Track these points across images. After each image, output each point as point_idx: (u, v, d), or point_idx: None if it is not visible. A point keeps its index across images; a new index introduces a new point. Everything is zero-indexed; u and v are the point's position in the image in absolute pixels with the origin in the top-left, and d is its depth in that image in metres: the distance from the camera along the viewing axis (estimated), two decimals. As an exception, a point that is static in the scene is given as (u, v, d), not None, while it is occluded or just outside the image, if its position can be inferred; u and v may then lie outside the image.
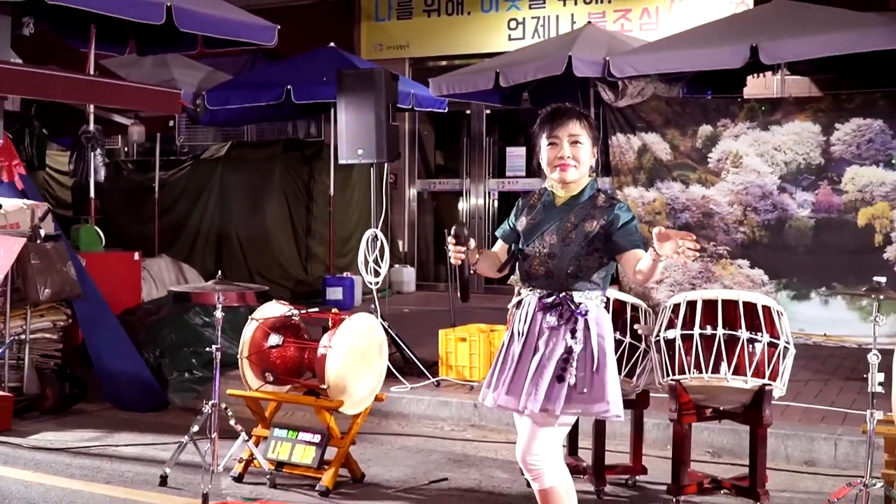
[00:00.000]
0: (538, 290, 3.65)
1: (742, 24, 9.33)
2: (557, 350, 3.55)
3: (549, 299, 3.60)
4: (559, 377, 3.51)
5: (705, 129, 9.35)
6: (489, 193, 13.47)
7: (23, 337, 6.97)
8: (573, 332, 3.55)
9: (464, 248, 3.56)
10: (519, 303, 3.73)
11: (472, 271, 3.70)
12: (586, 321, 3.55)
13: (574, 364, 3.51)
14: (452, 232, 3.55)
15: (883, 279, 4.25)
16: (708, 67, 9.04)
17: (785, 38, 8.47)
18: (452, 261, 3.59)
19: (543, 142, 3.64)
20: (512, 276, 3.83)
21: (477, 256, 3.69)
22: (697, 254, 3.29)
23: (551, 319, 3.58)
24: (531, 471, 3.60)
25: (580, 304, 3.57)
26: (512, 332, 3.72)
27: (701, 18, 11.25)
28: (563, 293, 3.59)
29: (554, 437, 3.60)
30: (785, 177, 9.03)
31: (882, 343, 4.18)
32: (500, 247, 3.86)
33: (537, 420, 3.57)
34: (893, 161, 8.60)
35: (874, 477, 4.10)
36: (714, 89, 10.57)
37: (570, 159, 3.59)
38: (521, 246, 3.73)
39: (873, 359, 4.08)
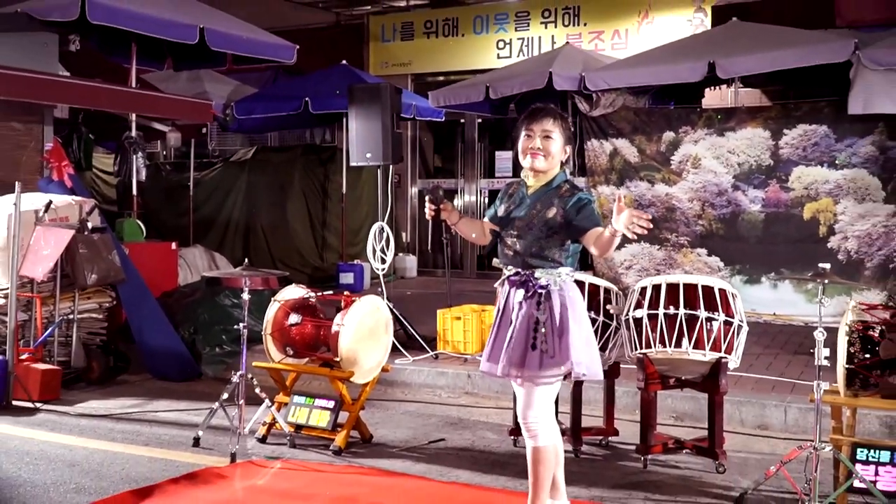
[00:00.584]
0: (510, 269, 3.65)
1: (701, 43, 9.28)
2: (525, 321, 3.54)
3: (516, 277, 3.61)
4: (532, 345, 3.51)
5: (668, 136, 9.31)
6: (481, 191, 13.44)
7: (71, 317, 6.92)
8: (538, 304, 3.54)
9: (435, 205, 3.62)
10: (504, 282, 3.73)
11: (451, 230, 3.73)
12: (549, 293, 3.54)
13: (542, 331, 3.50)
14: (429, 193, 3.62)
15: (827, 265, 4.20)
16: (671, 81, 9.00)
17: (739, 55, 8.42)
18: (427, 215, 3.63)
19: (521, 134, 3.65)
20: (495, 259, 3.85)
21: (456, 219, 3.71)
22: (645, 231, 3.24)
23: (519, 295, 3.59)
24: (529, 429, 3.59)
25: (539, 279, 3.55)
26: (497, 309, 3.72)
27: (665, 38, 11.19)
28: (528, 271, 3.58)
29: (546, 398, 3.59)
30: (738, 176, 8.99)
31: (826, 322, 4.14)
32: (486, 222, 3.83)
33: (528, 386, 3.58)
34: (836, 162, 8.56)
35: (823, 441, 4.06)
36: (676, 100, 10.52)
37: (538, 150, 3.59)
38: (499, 231, 3.72)
39: (819, 335, 4.04)
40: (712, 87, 10.66)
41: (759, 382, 6.27)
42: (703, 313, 4.74)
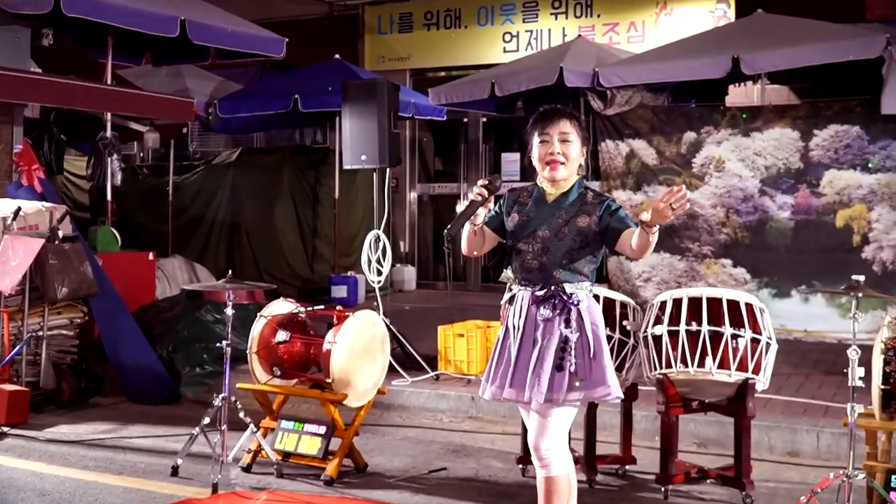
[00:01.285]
0: (531, 285, 3.61)
1: (724, 37, 9.28)
2: (554, 340, 3.52)
3: (542, 292, 3.57)
4: (558, 366, 3.48)
5: (689, 136, 9.30)
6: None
7: (40, 334, 6.90)
8: (567, 321, 3.52)
9: (487, 194, 3.52)
10: (512, 298, 3.69)
11: (473, 230, 3.64)
12: (579, 310, 3.53)
13: (572, 352, 3.48)
14: (488, 178, 3.56)
15: (861, 277, 4.18)
16: (691, 77, 8.99)
17: (765, 50, 8.41)
18: (472, 195, 3.54)
19: (535, 139, 3.64)
20: (504, 272, 3.79)
21: (484, 218, 3.65)
22: (685, 208, 3.24)
23: (545, 311, 3.56)
24: (542, 459, 3.56)
25: (572, 294, 3.54)
26: (507, 327, 3.68)
27: (685, 31, 11.20)
28: (555, 286, 3.55)
29: (562, 426, 3.57)
30: (765, 180, 8.98)
31: (861, 339, 4.12)
32: (490, 231, 3.81)
33: (544, 411, 3.53)
34: (870, 165, 8.55)
35: (856, 468, 4.03)
36: (697, 98, 10.52)
37: (559, 155, 3.58)
38: (511, 242, 3.69)
39: (853, 354, 4.02)
40: (736, 84, 10.65)
41: (789, 405, 6.24)
42: (728, 330, 4.72)
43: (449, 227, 3.53)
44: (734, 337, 4.72)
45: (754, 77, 9.72)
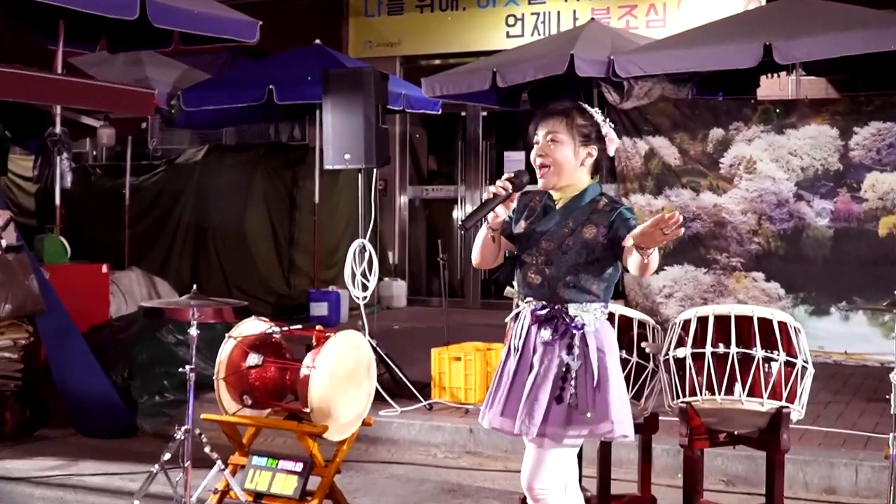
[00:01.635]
0: (534, 302, 3.62)
1: (755, 22, 9.32)
2: (553, 367, 3.52)
3: (543, 312, 3.58)
4: (558, 398, 3.49)
5: (716, 133, 9.34)
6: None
7: (-19, 356, 6.90)
8: (569, 347, 3.51)
9: (511, 189, 3.55)
10: (517, 316, 3.70)
11: (491, 235, 3.66)
12: (584, 335, 3.52)
13: (573, 382, 3.48)
14: (515, 172, 3.59)
15: (908, 293, 4.21)
16: (719, 67, 9.03)
17: (800, 37, 8.45)
18: (494, 188, 3.56)
19: (533, 140, 3.68)
20: (508, 287, 3.80)
21: (500, 226, 3.66)
22: (678, 233, 3.20)
23: (545, 334, 3.56)
24: (537, 499, 3.56)
25: (575, 317, 3.53)
26: (508, 348, 3.70)
27: (711, 15, 11.24)
28: (558, 305, 3.55)
29: (561, 463, 3.56)
30: (801, 183, 9.01)
31: (908, 362, 4.14)
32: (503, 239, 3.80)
33: (541, 445, 3.53)
34: (917, 167, 8.60)
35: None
36: (725, 90, 10.56)
37: (544, 159, 3.59)
38: (517, 252, 3.70)
39: (898, 379, 4.04)
40: (769, 75, 10.70)
41: (827, 437, 6.26)
42: (759, 352, 4.73)
43: (464, 219, 3.58)
44: (766, 360, 4.73)
45: (788, 67, 9.77)
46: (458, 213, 13.69)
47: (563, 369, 3.51)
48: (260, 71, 11.76)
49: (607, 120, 3.72)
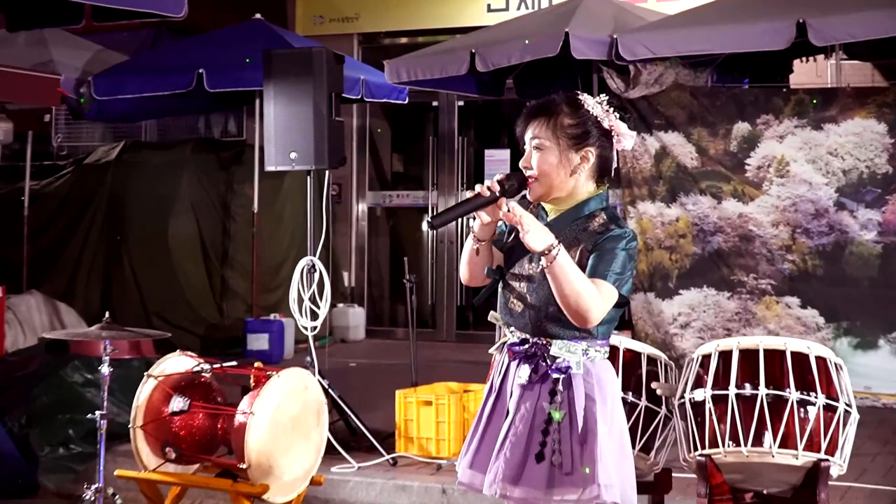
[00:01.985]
0: (514, 333, 3.61)
1: (787, -5, 9.38)
2: (530, 417, 3.52)
3: (522, 347, 3.57)
4: (538, 454, 3.48)
5: (741, 128, 9.37)
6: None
7: None
8: (552, 394, 3.50)
9: (498, 192, 3.50)
10: (503, 347, 3.69)
11: (475, 247, 3.62)
12: (569, 379, 3.50)
13: (556, 437, 3.48)
14: (506, 174, 3.59)
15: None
16: (744, 49, 9.07)
17: (840, 13, 8.48)
18: (478, 188, 3.51)
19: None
20: (492, 311, 3.77)
21: (488, 235, 3.61)
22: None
23: (523, 374, 3.55)
24: None
25: (557, 358, 3.51)
26: (490, 386, 3.70)
27: (735, -15, 11.31)
28: (541, 340, 3.54)
29: None
30: (843, 189, 9.06)
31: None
32: (495, 251, 3.75)
33: None
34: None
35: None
36: (752, 77, 10.61)
37: (528, 170, 3.59)
38: (504, 270, 3.67)
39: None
40: (803, 59, 10.76)
41: (873, 496, 6.28)
42: (793, 394, 4.76)
43: (434, 215, 3.53)
44: (802, 404, 4.76)
45: (826, 50, 9.82)
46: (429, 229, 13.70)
47: (545, 420, 3.50)
48: (187, 52, 11.73)
49: (611, 110, 3.62)
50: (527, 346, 3.56)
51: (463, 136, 13.65)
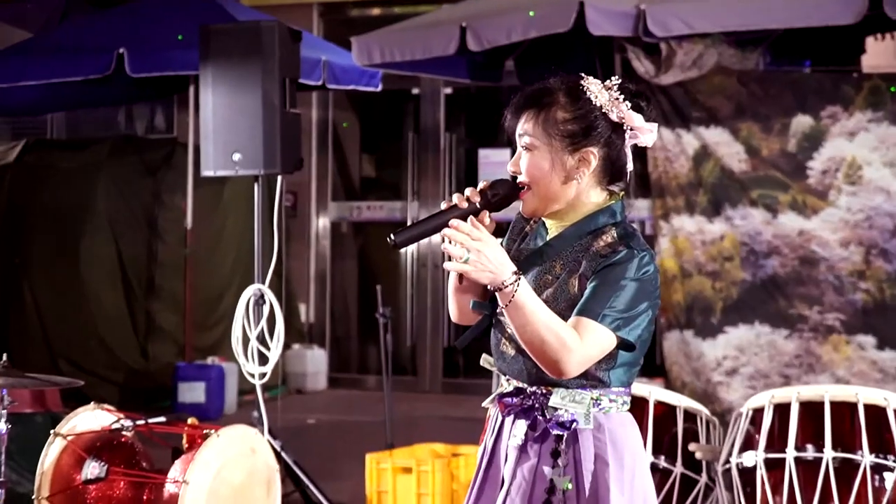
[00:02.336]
0: (507, 382, 3.61)
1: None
2: (531, 486, 3.52)
3: (517, 399, 3.56)
4: None
5: (802, 122, 9.40)
6: (451, 225, 13.43)
7: None
8: (554, 454, 3.50)
9: (478, 204, 3.46)
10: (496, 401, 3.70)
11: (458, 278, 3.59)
12: (575, 437, 3.50)
13: None
14: (490, 182, 3.55)
15: None
16: (804, 24, 9.10)
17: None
18: (455, 198, 3.48)
19: None
20: (485, 355, 3.76)
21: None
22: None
23: (518, 433, 3.54)
24: None
25: (557, 411, 3.50)
26: (483, 448, 3.70)
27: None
28: (539, 390, 3.54)
29: None
30: (930, 200, 9.11)
31: None
32: None
33: None
34: None
35: None
36: (814, 59, 10.65)
37: (521, 177, 3.54)
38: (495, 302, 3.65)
39: None
40: (878, 37, 10.80)
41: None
42: (866, 457, 4.78)
43: (397, 231, 3.45)
44: (877, 469, 4.78)
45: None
46: (412, 248, 13.68)
47: (546, 490, 3.50)
48: (104, 28, 11.75)
49: (623, 97, 3.51)
50: (522, 397, 3.55)
51: (451, 132, 13.68)
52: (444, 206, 3.49)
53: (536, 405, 3.50)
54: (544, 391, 3.49)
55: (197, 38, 8.17)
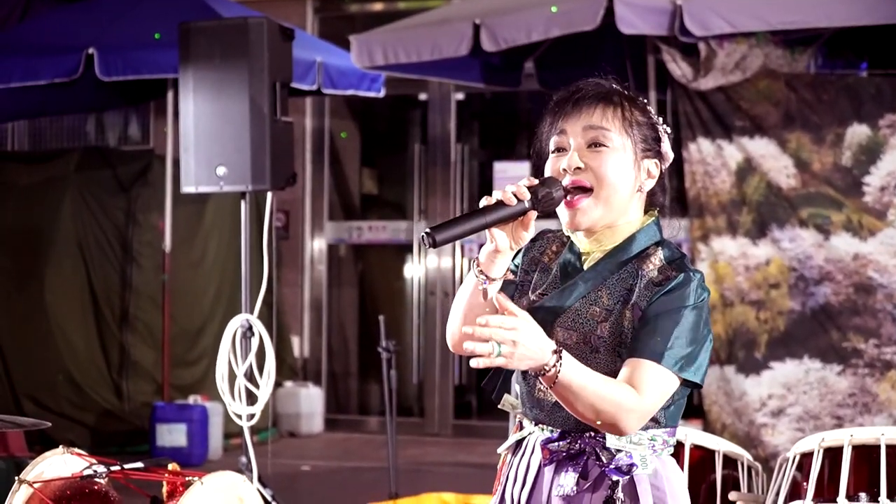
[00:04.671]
0: (546, 427, 3.62)
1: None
2: None
3: (561, 445, 3.57)
4: None
5: (858, 133, 9.42)
6: (463, 248, 13.48)
7: None
8: (606, 502, 3.50)
9: (528, 203, 3.41)
10: (519, 444, 3.71)
11: (483, 284, 3.47)
12: (632, 484, 3.53)
13: None
14: (542, 179, 3.48)
15: None
16: (861, 22, 9.14)
17: None
18: (499, 194, 3.42)
19: (550, 145, 3.60)
20: (506, 395, 3.76)
21: (499, 274, 3.49)
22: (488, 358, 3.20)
23: (567, 482, 3.54)
24: None
25: (618, 453, 3.53)
26: (501, 498, 3.71)
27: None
28: (588, 434, 3.57)
29: None
30: None
31: None
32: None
33: None
34: None
35: None
36: (871, 61, 10.68)
37: (583, 175, 3.51)
38: None
39: None
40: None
41: None
42: (929, 509, 4.81)
43: (434, 227, 3.39)
44: (941, 521, 4.81)
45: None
46: (414, 269, 13.73)
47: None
48: (71, 25, 11.79)
49: (662, 120, 3.63)
50: (569, 442, 3.56)
51: (463, 142, 13.70)
52: (484, 202, 3.43)
53: (588, 449, 3.52)
54: (593, 438, 3.52)
55: (176, 37, 8.21)
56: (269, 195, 8.09)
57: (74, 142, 14.42)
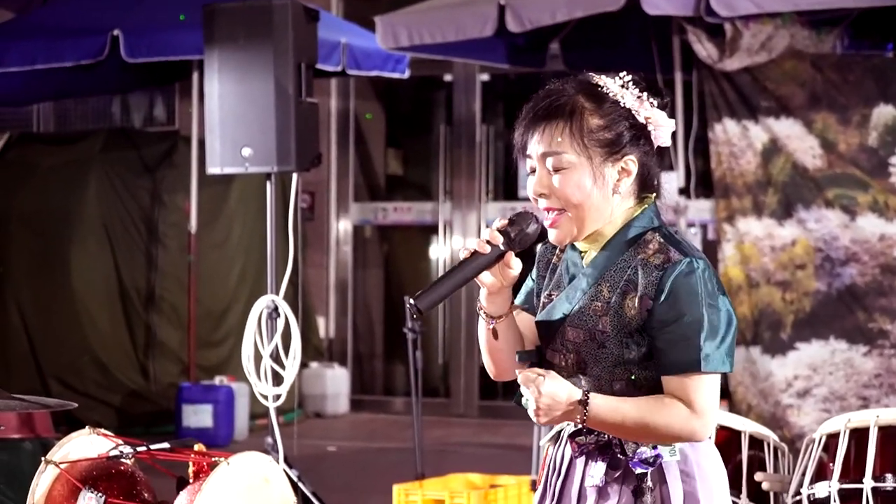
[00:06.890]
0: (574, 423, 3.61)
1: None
2: None
3: (589, 437, 3.57)
4: None
5: (885, 113, 9.39)
6: (488, 224, 13.45)
7: None
8: (637, 492, 3.50)
9: (502, 247, 3.44)
10: (559, 436, 3.70)
11: (490, 324, 3.54)
12: (661, 473, 3.52)
13: None
14: (509, 217, 3.49)
15: None
16: (886, 3, 9.11)
17: None
18: (473, 243, 3.44)
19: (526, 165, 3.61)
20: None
21: (504, 311, 3.55)
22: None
23: (596, 473, 3.55)
24: None
25: (639, 447, 3.51)
26: (543, 490, 3.71)
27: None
28: None
29: None
30: None
31: None
32: (525, 320, 3.69)
33: None
34: None
35: None
36: (898, 41, 10.67)
37: (548, 200, 3.51)
38: (541, 344, 3.63)
39: None
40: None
41: None
42: (955, 490, 4.80)
43: (417, 295, 3.46)
44: (967, 503, 4.80)
45: None
46: (440, 251, 13.71)
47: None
48: (96, 7, 11.79)
49: (644, 94, 3.53)
50: (596, 438, 3.56)
51: (488, 123, 13.69)
52: (463, 254, 3.47)
53: (615, 441, 3.51)
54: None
55: (201, 18, 8.21)
56: (295, 176, 8.08)
57: (100, 123, 14.44)
